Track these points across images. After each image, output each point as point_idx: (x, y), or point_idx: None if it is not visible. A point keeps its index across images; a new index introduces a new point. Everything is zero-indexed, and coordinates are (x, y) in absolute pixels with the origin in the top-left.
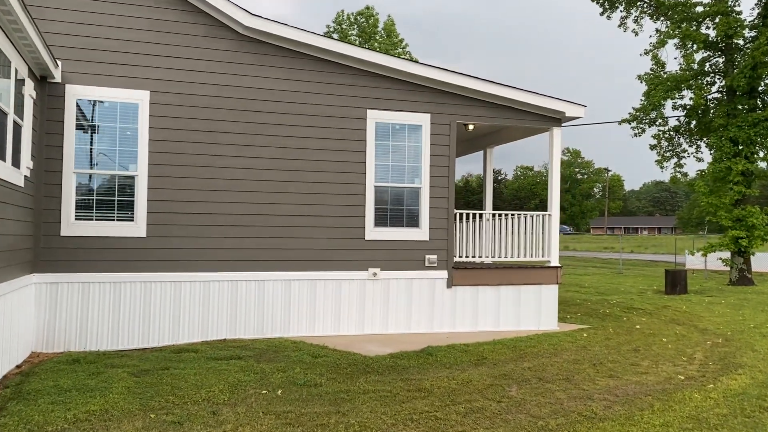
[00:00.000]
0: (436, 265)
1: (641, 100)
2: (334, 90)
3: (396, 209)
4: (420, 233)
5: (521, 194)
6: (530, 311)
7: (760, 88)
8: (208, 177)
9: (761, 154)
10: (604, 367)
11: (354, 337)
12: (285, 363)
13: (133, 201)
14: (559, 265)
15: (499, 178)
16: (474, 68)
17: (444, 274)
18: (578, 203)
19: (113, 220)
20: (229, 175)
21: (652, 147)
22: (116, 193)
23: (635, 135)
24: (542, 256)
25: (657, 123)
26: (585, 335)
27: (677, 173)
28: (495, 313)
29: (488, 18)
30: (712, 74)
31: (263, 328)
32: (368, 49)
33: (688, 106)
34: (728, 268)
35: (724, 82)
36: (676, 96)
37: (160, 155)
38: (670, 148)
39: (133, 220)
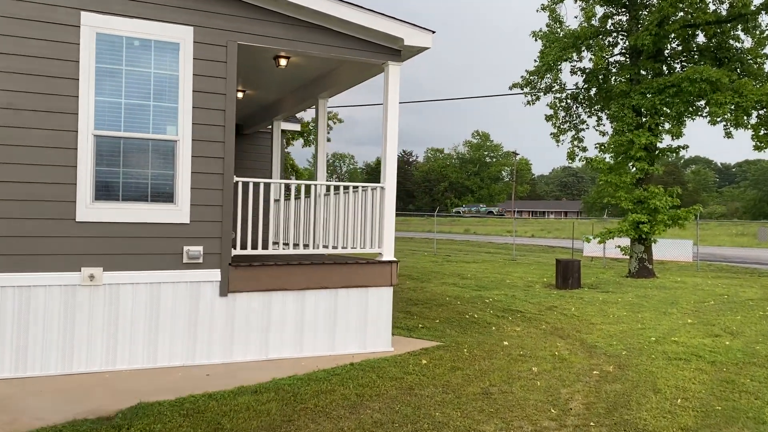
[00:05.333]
0: (201, 261)
1: (535, 61)
2: None
3: (134, 174)
4: (175, 212)
5: (431, 176)
6: (352, 327)
7: (666, 51)
8: None
9: (667, 126)
10: None
11: (47, 381)
12: None
13: None
14: (394, 259)
15: (410, 159)
16: None
17: (215, 274)
18: (486, 186)
19: None
20: None
21: (548, 118)
22: None
23: (528, 103)
24: (372, 247)
25: (553, 89)
26: (424, 362)
27: (575, 148)
28: (297, 331)
29: None
30: (615, 33)
31: None
32: None
33: (587, 70)
34: (628, 257)
35: (627, 42)
36: (574, 57)
37: None
38: (567, 118)
39: None
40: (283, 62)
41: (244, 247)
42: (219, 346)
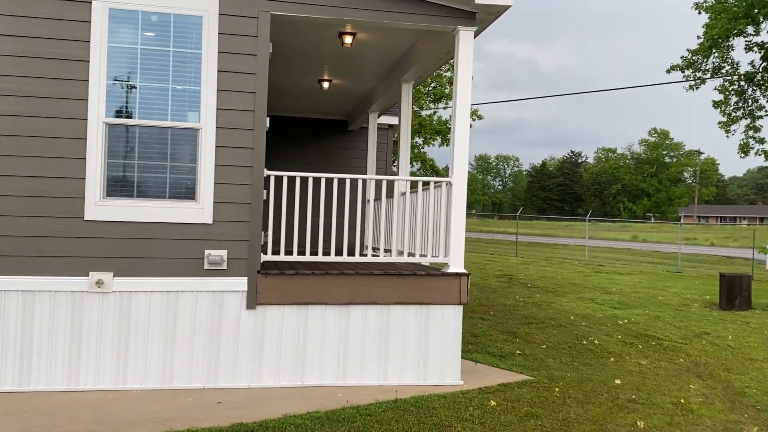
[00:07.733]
0: (225, 267)
1: (698, 37)
2: None
3: (150, 167)
4: (196, 211)
5: (602, 179)
6: (409, 352)
7: None
8: None
9: None
10: None
11: (44, 397)
12: None
13: None
14: (464, 271)
15: (579, 161)
16: (558, 51)
17: (241, 283)
18: (665, 189)
19: None
20: None
21: (716, 104)
22: None
23: (690, 88)
24: (436, 255)
25: (722, 70)
26: (492, 404)
27: (750, 139)
28: (340, 354)
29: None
30: None
31: None
32: None
33: (767, 45)
34: None
35: None
36: (749, 30)
37: None
38: (740, 104)
39: None
40: (348, 39)
41: (276, 252)
42: (246, 367)
